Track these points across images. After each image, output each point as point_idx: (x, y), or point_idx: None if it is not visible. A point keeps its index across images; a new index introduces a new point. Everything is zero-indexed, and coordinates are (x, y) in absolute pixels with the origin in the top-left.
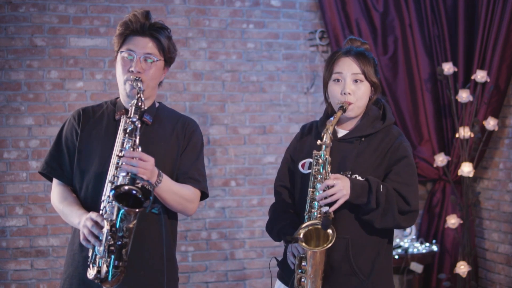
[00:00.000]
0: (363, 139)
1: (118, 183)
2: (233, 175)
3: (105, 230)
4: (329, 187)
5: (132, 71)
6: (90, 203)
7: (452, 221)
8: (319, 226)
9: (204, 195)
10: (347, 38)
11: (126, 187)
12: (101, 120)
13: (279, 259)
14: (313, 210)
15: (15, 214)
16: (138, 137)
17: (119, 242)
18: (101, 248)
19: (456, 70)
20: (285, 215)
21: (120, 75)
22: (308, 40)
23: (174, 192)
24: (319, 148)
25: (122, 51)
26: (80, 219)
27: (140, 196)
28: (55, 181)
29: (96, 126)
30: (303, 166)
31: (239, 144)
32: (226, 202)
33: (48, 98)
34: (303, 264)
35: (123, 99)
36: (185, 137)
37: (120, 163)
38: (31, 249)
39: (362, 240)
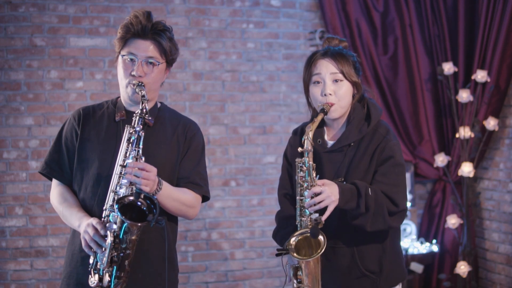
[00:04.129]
0: (352, 144)
1: (121, 194)
2: (233, 175)
3: (108, 241)
4: (317, 194)
5: (134, 75)
6: (88, 204)
7: (452, 221)
8: (309, 235)
9: (205, 198)
10: (325, 37)
11: (131, 198)
12: (101, 120)
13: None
14: (303, 218)
15: (15, 214)
16: (141, 147)
17: (122, 254)
18: (104, 259)
19: (456, 70)
20: (288, 222)
21: (121, 78)
22: (308, 40)
23: (174, 199)
24: (301, 155)
25: (124, 55)
26: (80, 222)
27: (144, 208)
28: (54, 181)
29: (96, 127)
30: None
31: (239, 144)
32: (226, 202)
33: (48, 98)
34: (299, 273)
35: (124, 100)
36: (185, 141)
37: (123, 173)
38: (31, 249)
39: (367, 245)
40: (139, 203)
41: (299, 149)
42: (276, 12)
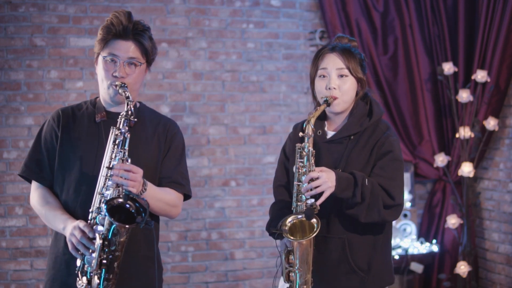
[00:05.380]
0: (352, 137)
1: (109, 196)
2: (233, 175)
3: (97, 244)
4: (314, 179)
5: (116, 76)
6: (70, 206)
7: (452, 221)
8: (304, 218)
9: (186, 196)
10: (335, 36)
11: (120, 200)
12: (81, 121)
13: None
14: (299, 204)
15: (15, 214)
16: (127, 149)
17: (111, 256)
18: (94, 262)
19: (456, 70)
20: (283, 213)
21: (102, 79)
22: (308, 40)
23: (158, 199)
24: (302, 140)
25: (105, 56)
26: (64, 225)
27: (133, 211)
28: (35, 183)
29: (76, 128)
30: None
31: (239, 144)
32: (226, 202)
33: (48, 98)
34: (290, 258)
35: (103, 100)
36: (166, 140)
37: (109, 175)
38: (31, 249)
39: (358, 238)
40: (127, 205)
41: (300, 134)
42: (276, 12)
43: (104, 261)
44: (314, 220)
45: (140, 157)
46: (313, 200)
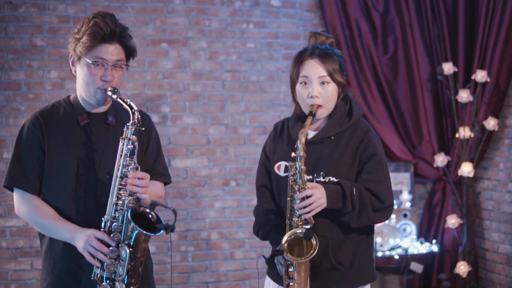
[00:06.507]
0: (332, 137)
1: (125, 204)
2: (233, 175)
3: (126, 253)
4: (307, 196)
5: (105, 80)
6: (65, 212)
7: (452, 221)
8: (302, 236)
9: (166, 183)
10: (312, 33)
11: (147, 210)
12: (64, 124)
13: (267, 257)
14: (294, 218)
15: (15, 214)
16: (136, 157)
17: (136, 262)
18: (122, 271)
19: (456, 70)
20: (269, 218)
21: (89, 83)
22: (308, 40)
23: (152, 195)
24: (293, 159)
25: (94, 61)
26: (72, 235)
27: (153, 220)
28: (20, 194)
29: (61, 132)
30: (278, 168)
31: (239, 144)
32: (226, 202)
33: (48, 98)
34: (290, 270)
35: (83, 101)
36: (145, 133)
37: (123, 184)
38: (31, 249)
39: (342, 236)
40: (150, 215)
41: (292, 154)
42: (276, 12)
43: (131, 268)
44: (313, 241)
45: None
46: (307, 215)
